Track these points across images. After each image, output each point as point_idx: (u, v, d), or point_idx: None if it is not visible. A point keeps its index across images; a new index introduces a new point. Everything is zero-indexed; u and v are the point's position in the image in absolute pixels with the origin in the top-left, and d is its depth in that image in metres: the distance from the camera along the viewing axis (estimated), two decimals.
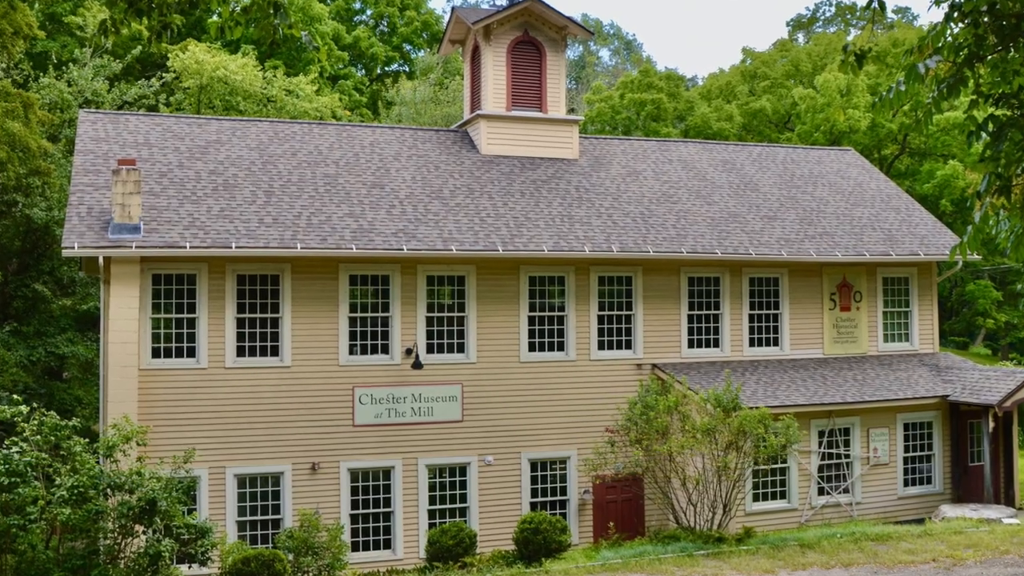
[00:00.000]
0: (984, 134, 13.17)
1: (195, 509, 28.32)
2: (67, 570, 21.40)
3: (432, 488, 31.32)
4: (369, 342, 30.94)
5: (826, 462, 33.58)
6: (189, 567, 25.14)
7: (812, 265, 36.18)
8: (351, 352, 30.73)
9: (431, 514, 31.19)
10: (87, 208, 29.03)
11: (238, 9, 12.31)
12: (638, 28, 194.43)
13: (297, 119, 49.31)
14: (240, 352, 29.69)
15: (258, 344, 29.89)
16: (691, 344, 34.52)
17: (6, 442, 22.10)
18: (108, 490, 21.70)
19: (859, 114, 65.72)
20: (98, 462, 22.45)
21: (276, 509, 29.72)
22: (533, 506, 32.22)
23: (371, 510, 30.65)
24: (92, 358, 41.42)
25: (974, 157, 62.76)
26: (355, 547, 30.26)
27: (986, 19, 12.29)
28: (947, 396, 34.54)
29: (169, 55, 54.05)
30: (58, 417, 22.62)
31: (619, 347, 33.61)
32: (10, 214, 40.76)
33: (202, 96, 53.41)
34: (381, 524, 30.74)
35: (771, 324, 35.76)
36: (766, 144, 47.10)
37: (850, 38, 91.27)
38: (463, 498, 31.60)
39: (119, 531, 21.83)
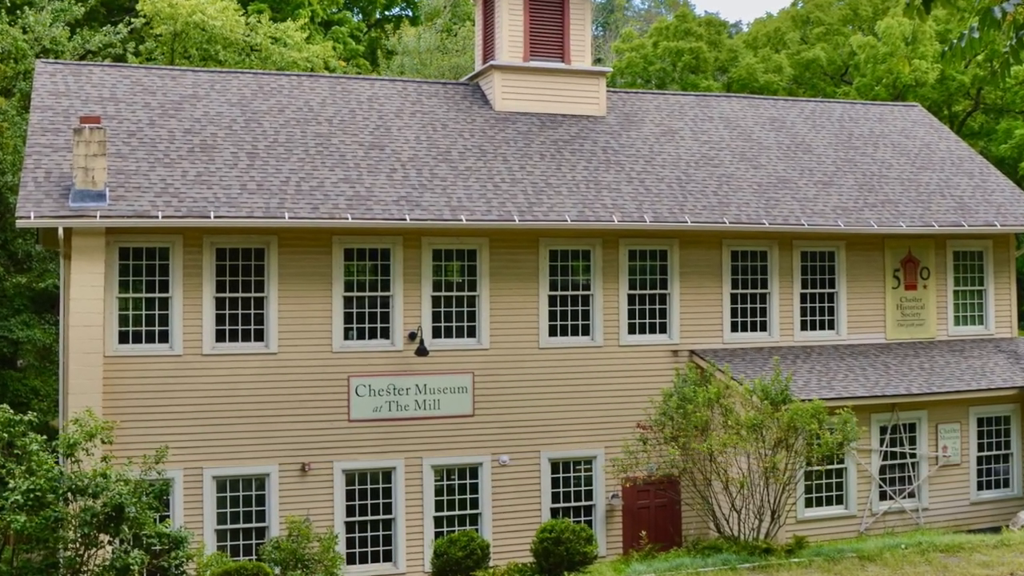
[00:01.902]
0: None
1: (168, 516, 28.27)
2: None
3: (439, 492, 31.37)
4: (367, 325, 30.95)
5: (888, 462, 33.53)
6: None
7: (873, 237, 36.11)
8: (346, 337, 30.73)
9: (438, 522, 31.25)
10: (45, 172, 28.97)
11: None
12: None
13: (285, 71, 49.20)
14: (220, 337, 29.68)
15: (240, 328, 29.89)
16: (735, 328, 34.55)
17: None
18: (69, 494, 21.68)
19: (926, 65, 65.35)
20: (57, 462, 22.41)
21: (261, 516, 29.74)
22: (554, 512, 32.24)
23: (369, 517, 30.67)
24: (50, 344, 41.46)
25: None
26: (351, 559, 30.29)
27: None
28: None
29: None
30: (11, 411, 22.58)
31: (652, 331, 33.62)
32: None
33: (176, 45, 53.29)
34: (380, 533, 30.77)
35: (826, 305, 35.75)
36: (820, 99, 46.88)
37: None
38: (474, 503, 31.64)
39: (81, 541, 21.79)
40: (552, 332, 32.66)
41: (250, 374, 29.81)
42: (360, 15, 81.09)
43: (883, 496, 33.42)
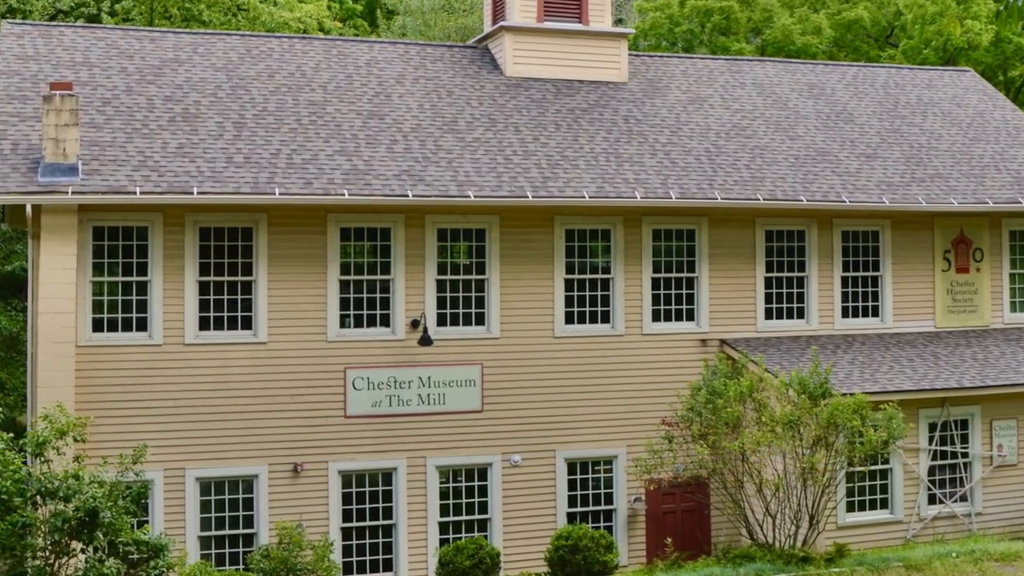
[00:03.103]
0: None
1: (147, 521, 28.26)
2: None
3: (444, 495, 31.37)
4: (365, 312, 30.94)
5: (938, 463, 33.48)
6: None
7: (921, 215, 36.03)
8: (343, 324, 30.72)
9: (443, 528, 31.25)
10: (11, 144, 28.92)
11: None
12: None
13: (275, 33, 49.08)
14: (204, 325, 29.65)
15: (226, 315, 29.86)
16: (769, 315, 34.52)
17: None
18: (38, 498, 21.58)
19: (979, 26, 65.08)
20: (25, 462, 22.31)
21: (249, 521, 29.75)
22: (571, 517, 32.22)
23: (368, 523, 30.69)
24: (17, 332, 41.48)
25: None
26: (347, 568, 30.32)
27: None
28: None
29: None
30: None
31: (679, 318, 33.61)
32: None
33: (155, 3, 53.17)
34: (380, 540, 30.78)
35: (869, 290, 35.72)
36: (863, 64, 46.81)
37: None
38: (483, 508, 31.65)
39: (52, 549, 21.70)
40: (569, 320, 32.60)
41: (237, 366, 29.75)
42: None
43: (932, 500, 33.36)
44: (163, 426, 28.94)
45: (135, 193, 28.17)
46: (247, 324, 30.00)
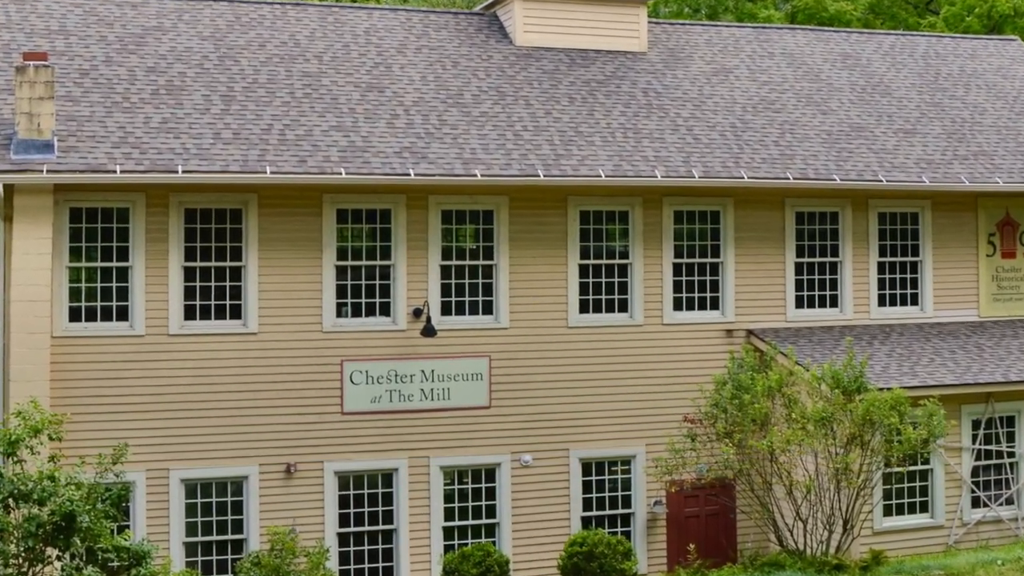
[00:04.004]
0: None
1: (128, 526, 28.11)
2: None
3: (449, 498, 31.38)
4: (364, 300, 30.93)
5: (982, 463, 33.45)
6: None
7: (964, 196, 35.98)
8: (339, 314, 30.71)
9: (447, 533, 31.26)
10: None
11: None
12: None
13: None
14: (189, 314, 29.63)
15: (213, 303, 29.85)
16: (799, 303, 34.48)
17: None
18: (10, 500, 21.57)
19: None
20: None
21: (238, 526, 29.75)
22: (586, 522, 32.19)
23: (366, 527, 30.71)
24: None
25: None
26: None
27: None
28: None
29: None
30: None
31: (702, 307, 33.61)
32: None
33: None
34: (380, 546, 30.80)
35: (908, 276, 35.72)
36: (901, 32, 46.69)
37: None
38: (491, 511, 31.65)
39: (25, 556, 21.69)
40: (583, 308, 32.58)
41: (225, 358, 29.72)
42: None
43: (976, 503, 33.34)
44: (145, 423, 28.90)
45: (115, 172, 28.11)
46: (236, 313, 29.98)
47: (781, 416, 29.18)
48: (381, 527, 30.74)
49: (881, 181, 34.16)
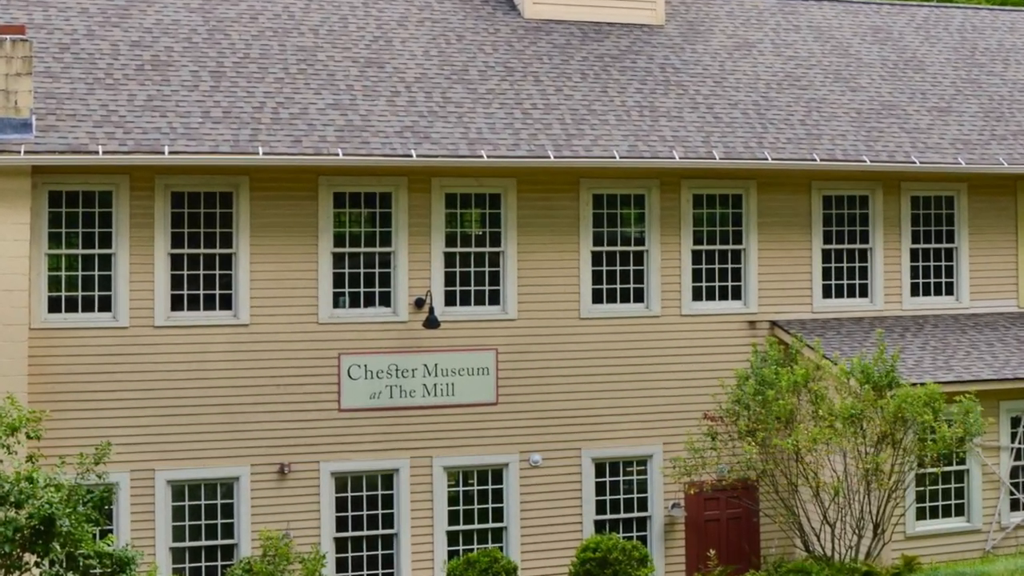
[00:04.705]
0: None
1: (111, 531, 28.13)
2: None
3: (453, 501, 31.39)
4: (363, 290, 30.95)
5: (1022, 463, 33.33)
6: None
7: (1002, 178, 36.00)
8: (336, 304, 30.70)
9: (452, 538, 31.27)
10: None
11: None
12: None
13: None
14: (176, 304, 29.63)
15: (202, 293, 29.86)
16: (827, 293, 34.51)
17: None
18: None
19: None
20: None
21: (228, 531, 29.77)
22: (599, 526, 32.21)
23: (365, 532, 30.73)
24: None
25: None
26: None
27: None
28: None
29: None
30: None
31: (723, 297, 33.65)
32: None
33: None
34: (380, 552, 30.82)
35: (943, 264, 35.76)
36: (936, 4, 46.53)
37: None
38: (498, 515, 31.65)
39: (1, 562, 21.62)
40: (596, 298, 32.58)
41: (215, 351, 29.73)
42: None
43: (1016, 505, 33.36)
44: (130, 421, 28.92)
45: (97, 152, 28.08)
46: (226, 304, 29.98)
47: (807, 413, 29.15)
48: (381, 531, 30.75)
49: (914, 163, 34.12)
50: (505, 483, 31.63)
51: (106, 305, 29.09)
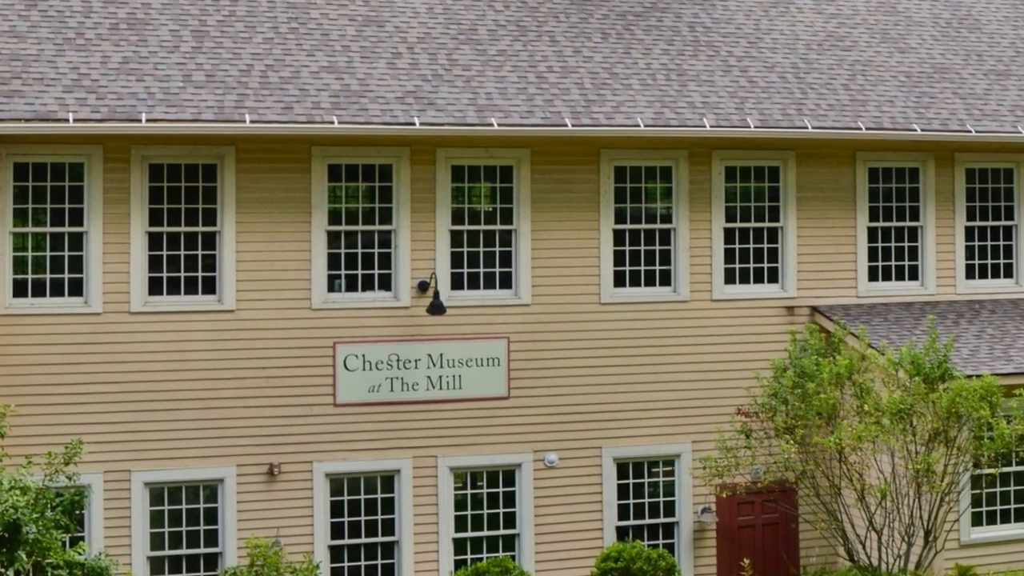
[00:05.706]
0: None
1: (83, 538, 28.14)
2: None
3: (460, 505, 31.47)
4: (360, 272, 30.99)
5: None
6: None
7: None
8: (331, 288, 30.76)
9: (459, 546, 31.35)
10: None
11: None
12: None
13: None
14: (155, 288, 29.69)
15: (183, 275, 29.93)
16: (873, 275, 34.52)
17: None
18: None
19: None
20: None
21: (212, 538, 29.84)
22: (621, 532, 32.28)
23: (363, 539, 30.80)
24: None
25: None
26: None
27: None
28: None
29: None
30: None
31: (758, 280, 33.65)
32: None
33: None
34: (379, 562, 30.90)
35: (1001, 243, 35.78)
36: None
37: None
38: (510, 520, 31.71)
39: None
40: (619, 282, 32.58)
41: (197, 340, 29.76)
42: None
43: None
44: (103, 417, 28.97)
45: (68, 120, 28.08)
46: (210, 287, 30.02)
47: (851, 408, 29.24)
48: (380, 539, 30.82)
49: (969, 131, 34.02)
50: (517, 485, 31.67)
51: (77, 289, 29.12)
